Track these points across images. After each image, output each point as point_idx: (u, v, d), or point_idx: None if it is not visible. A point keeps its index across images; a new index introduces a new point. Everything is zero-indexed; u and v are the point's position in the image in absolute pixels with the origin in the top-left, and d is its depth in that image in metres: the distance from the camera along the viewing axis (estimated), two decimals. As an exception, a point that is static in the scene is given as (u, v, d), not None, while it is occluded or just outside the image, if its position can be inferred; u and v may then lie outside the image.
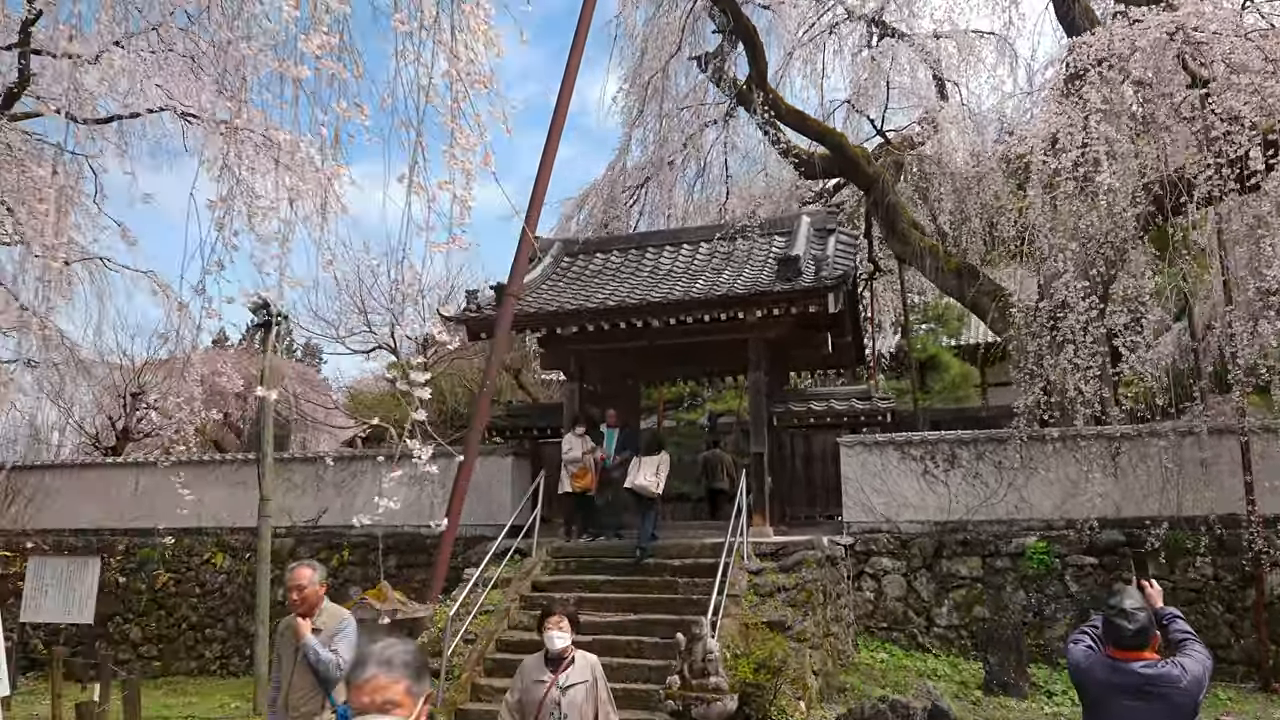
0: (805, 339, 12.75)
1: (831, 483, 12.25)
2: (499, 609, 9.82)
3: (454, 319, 12.22)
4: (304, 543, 13.55)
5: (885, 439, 11.73)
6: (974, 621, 10.83)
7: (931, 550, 11.22)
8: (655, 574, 10.19)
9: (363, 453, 13.88)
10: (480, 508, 12.90)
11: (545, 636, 5.04)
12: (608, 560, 10.56)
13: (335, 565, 13.21)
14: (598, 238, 14.70)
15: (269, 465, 10.59)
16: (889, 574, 11.27)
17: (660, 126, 14.84)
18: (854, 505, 11.64)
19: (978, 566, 11.05)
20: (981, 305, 15.29)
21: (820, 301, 10.78)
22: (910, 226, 16.70)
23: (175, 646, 13.70)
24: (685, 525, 13.10)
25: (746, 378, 12.00)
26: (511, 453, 12.96)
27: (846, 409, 12.24)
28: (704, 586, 9.65)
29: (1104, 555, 10.68)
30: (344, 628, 5.00)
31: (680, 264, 13.13)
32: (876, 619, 11.14)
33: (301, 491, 13.93)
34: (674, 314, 11.31)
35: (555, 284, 13.13)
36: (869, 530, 11.55)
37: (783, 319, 11.62)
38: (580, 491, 11.58)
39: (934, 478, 11.52)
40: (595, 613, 9.63)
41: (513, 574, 10.58)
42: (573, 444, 11.82)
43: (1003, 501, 11.27)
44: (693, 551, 10.44)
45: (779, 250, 12.51)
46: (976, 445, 11.48)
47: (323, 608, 5.08)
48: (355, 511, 13.18)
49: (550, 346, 13.17)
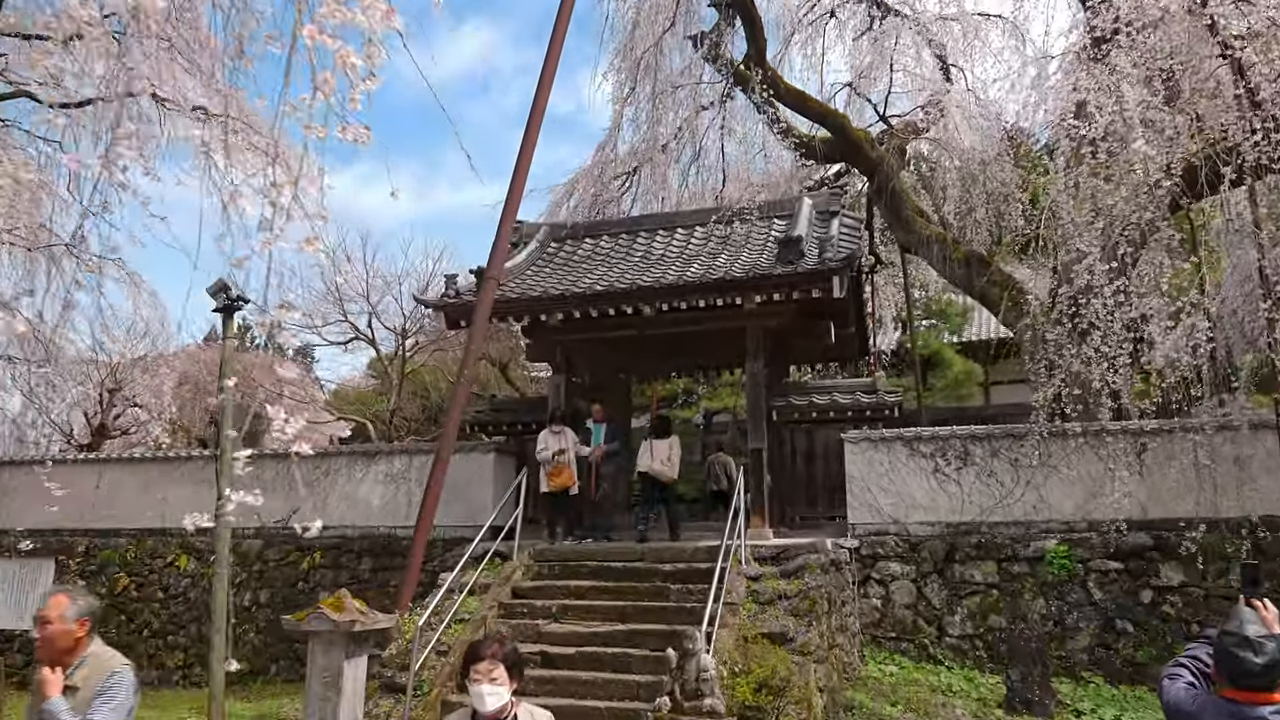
0: (807, 329, 11.96)
1: (835, 482, 11.47)
2: (475, 617, 9.00)
3: (431, 305, 11.42)
4: (272, 544, 12.72)
5: (893, 435, 10.94)
6: (990, 631, 10.04)
7: (943, 554, 10.43)
8: (646, 579, 9.39)
9: (337, 449, 13.06)
10: (460, 508, 12.10)
11: (472, 692, 3.25)
12: (594, 564, 9.75)
13: (305, 569, 12.40)
14: (587, 222, 13.90)
15: (229, 461, 9.75)
16: (897, 579, 10.48)
17: (653, 107, 14.06)
18: (859, 506, 10.85)
19: (993, 572, 10.27)
20: (991, 296, 14.58)
21: (824, 285, 9.99)
22: (915, 214, 15.95)
23: (135, 655, 12.73)
24: (679, 527, 12.28)
25: (744, 370, 11.19)
26: (494, 449, 12.15)
27: (851, 403, 11.46)
28: (699, 593, 8.85)
29: (1130, 559, 9.90)
30: (110, 686, 3.49)
31: (674, 249, 12.34)
32: (884, 628, 10.34)
33: (271, 490, 13.04)
34: (666, 299, 10.52)
35: (541, 270, 12.33)
36: (875, 532, 10.77)
37: (783, 305, 10.84)
38: (560, 491, 10.78)
39: (945, 476, 10.74)
40: (580, 622, 8.83)
41: (492, 579, 9.77)
42: (547, 442, 11.01)
43: (1020, 502, 10.48)
44: (686, 555, 9.65)
45: (780, 233, 11.73)
46: (991, 441, 10.69)
47: (84, 655, 3.57)
48: (329, 511, 12.42)
49: (536, 336, 12.37)
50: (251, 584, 12.55)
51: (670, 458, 10.84)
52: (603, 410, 11.23)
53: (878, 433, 11.01)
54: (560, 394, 11.72)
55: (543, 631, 8.70)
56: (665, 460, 10.79)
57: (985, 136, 16.98)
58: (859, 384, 11.97)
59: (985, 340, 25.72)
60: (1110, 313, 9.29)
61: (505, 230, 10.09)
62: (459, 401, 9.63)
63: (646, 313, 10.86)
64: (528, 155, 9.72)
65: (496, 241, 10.10)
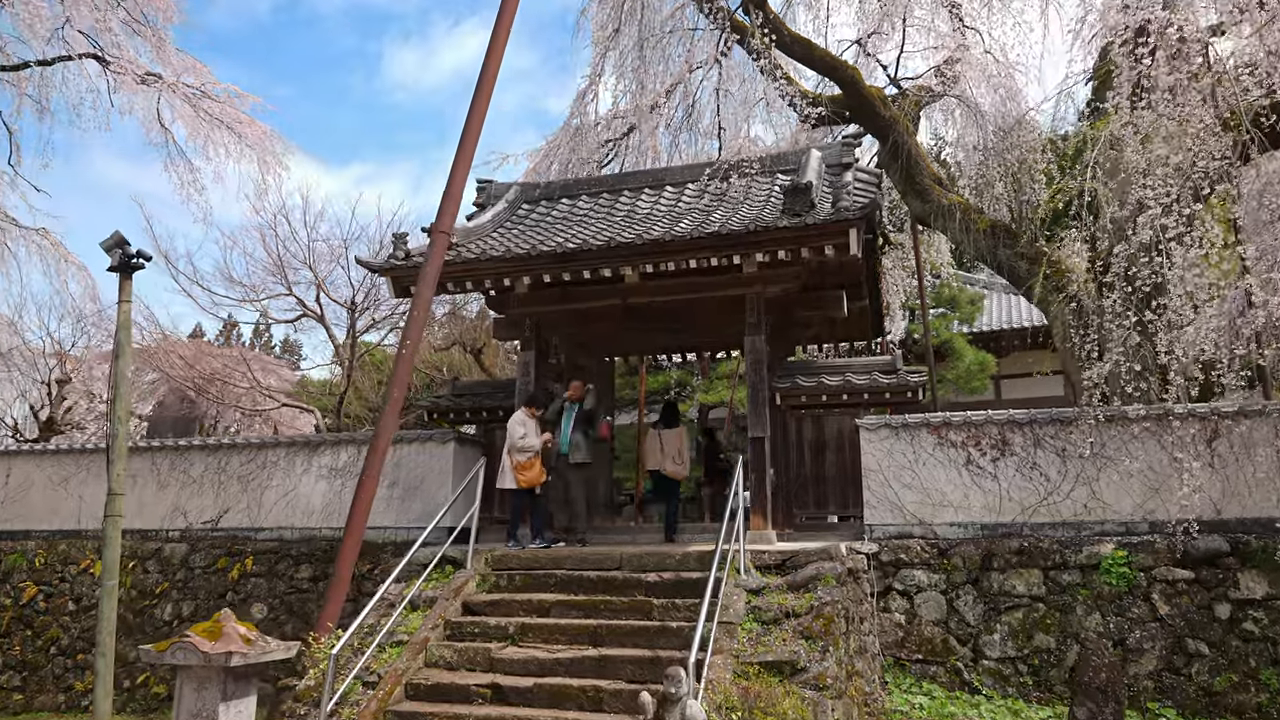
0: (815, 300, 10.34)
1: (849, 476, 9.88)
2: (415, 639, 7.35)
3: (375, 268, 9.77)
4: (199, 548, 11.05)
5: (917, 420, 9.33)
6: (1036, 653, 8.43)
7: (978, 561, 8.82)
8: (625, 592, 7.75)
9: (274, 439, 11.40)
10: (416, 506, 10.49)
11: None
12: (563, 573, 8.10)
13: (235, 578, 10.72)
14: (563, 180, 12.25)
15: (121, 449, 8.07)
16: (924, 591, 8.86)
17: (640, 56, 12.38)
18: (878, 504, 9.25)
19: (1038, 582, 8.65)
20: (1018, 271, 13.07)
21: (839, 239, 8.37)
22: (932, 182, 14.36)
23: (42, 675, 11.14)
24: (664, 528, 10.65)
25: (744, 345, 9.56)
26: (454, 439, 10.51)
27: (867, 384, 9.83)
28: (688, 610, 7.23)
29: (1202, 567, 8.29)
30: None
31: (663, 207, 10.71)
32: (909, 648, 8.72)
33: (200, 486, 11.43)
34: (652, 259, 8.89)
35: (509, 232, 10.68)
36: (897, 535, 9.15)
37: (789, 267, 9.22)
38: (527, 488, 9.17)
39: (980, 469, 9.13)
40: (542, 645, 7.19)
41: (441, 590, 8.13)
42: (526, 427, 9.38)
43: (1068, 499, 8.88)
44: (674, 562, 8.01)
45: (783, 185, 10.11)
46: (1034, 428, 9.08)
47: None
48: (265, 510, 10.74)
49: (504, 309, 10.72)
50: (174, 595, 10.88)
51: (681, 452, 10.24)
52: (579, 388, 9.57)
53: (899, 418, 9.39)
54: (530, 373, 10.07)
55: (496, 658, 7.06)
56: (676, 455, 10.13)
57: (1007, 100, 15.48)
58: (876, 363, 10.34)
59: (998, 331, 24.34)
60: (1183, 271, 7.68)
61: (460, 175, 8.46)
62: (401, 379, 7.99)
63: (628, 276, 9.23)
64: (488, 81, 8.09)
65: (448, 189, 8.48)
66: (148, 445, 11.77)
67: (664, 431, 10.33)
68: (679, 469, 9.96)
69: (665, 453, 9.99)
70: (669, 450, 9.98)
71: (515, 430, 9.23)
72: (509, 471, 9.21)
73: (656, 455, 10.14)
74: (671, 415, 10.73)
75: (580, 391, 9.50)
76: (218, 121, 19.31)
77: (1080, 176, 10.78)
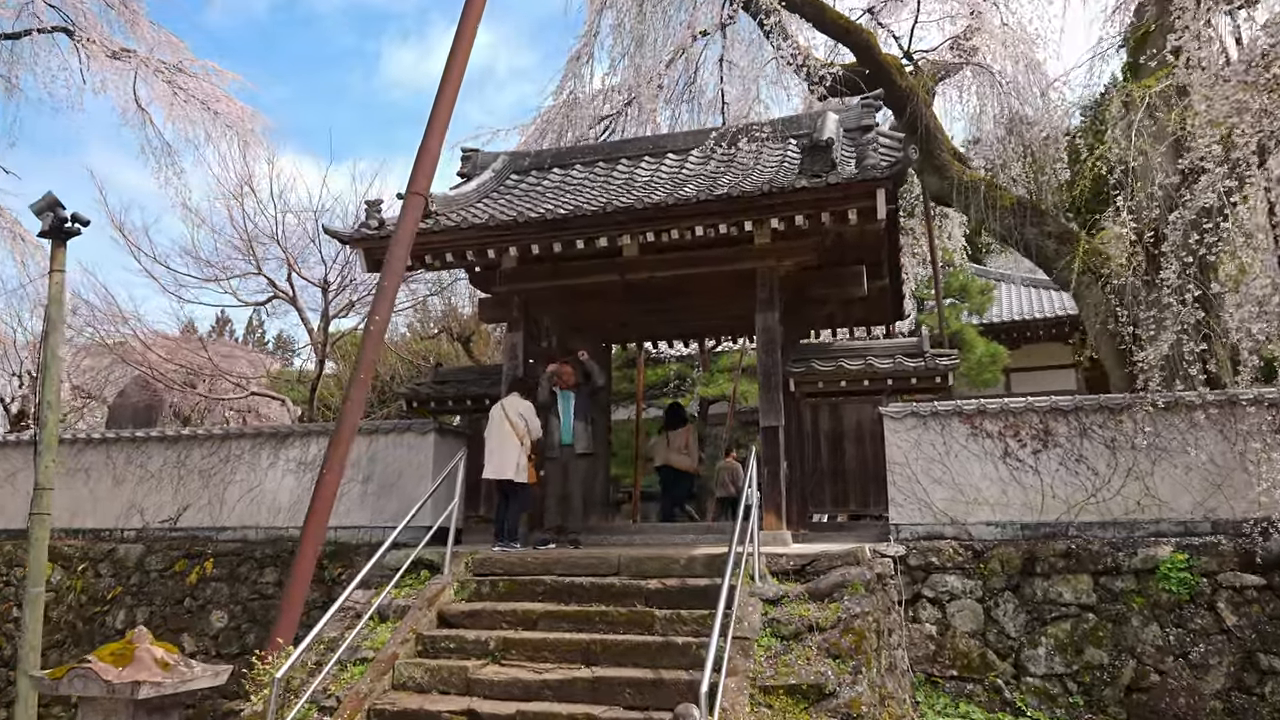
0: (832, 277, 9.38)
1: (871, 470, 8.96)
2: (381, 656, 6.38)
3: (344, 238, 8.80)
4: (156, 550, 10.06)
5: (948, 409, 8.37)
6: (1088, 669, 7.48)
7: (1018, 565, 7.86)
8: (623, 601, 6.79)
9: (239, 430, 10.42)
10: (394, 504, 9.51)
11: None
12: (553, 579, 7.13)
13: (194, 582, 9.74)
14: (555, 149, 11.26)
15: (50, 438, 7.09)
16: (958, 598, 7.90)
17: (640, 13, 11.41)
18: (905, 501, 8.29)
19: (1087, 588, 7.70)
20: (1046, 251, 12.19)
21: (864, 203, 7.41)
22: (952, 157, 13.44)
23: (-18, 690, 10.17)
24: (668, 530, 9.71)
25: (754, 325, 8.59)
26: (435, 429, 9.53)
27: (891, 368, 8.88)
28: (695, 622, 6.28)
29: (1275, 573, 7.35)
30: None
31: (664, 174, 9.74)
32: (942, 663, 7.76)
33: (158, 482, 10.45)
34: (653, 226, 7.93)
35: (495, 202, 9.70)
36: (927, 536, 8.20)
37: (806, 238, 8.28)
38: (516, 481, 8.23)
39: (1019, 463, 8.18)
40: (527, 663, 6.23)
41: (414, 599, 7.17)
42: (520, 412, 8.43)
43: (1119, 496, 7.93)
44: (679, 566, 7.04)
45: (796, 152, 9.16)
46: (1080, 416, 8.13)
47: None
48: (227, 508, 9.76)
49: (489, 286, 9.77)
50: (127, 600, 9.90)
51: (689, 445, 10.49)
52: (573, 371, 8.59)
53: (927, 406, 8.44)
54: (518, 356, 9.10)
55: (474, 678, 6.09)
56: (684, 448, 10.35)
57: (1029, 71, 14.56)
58: (899, 345, 9.39)
59: (1009, 322, 23.52)
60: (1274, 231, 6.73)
61: (437, 130, 7.49)
62: (368, 361, 7.02)
63: (627, 248, 8.28)
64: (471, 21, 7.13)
65: (424, 145, 7.51)
66: (102, 437, 10.79)
67: (670, 432, 10.78)
68: (684, 458, 9.93)
69: (672, 445, 10.10)
70: (675, 444, 10.11)
71: (531, 418, 8.33)
72: (517, 463, 8.26)
73: (663, 449, 10.39)
74: (677, 416, 11.18)
75: (573, 377, 8.49)
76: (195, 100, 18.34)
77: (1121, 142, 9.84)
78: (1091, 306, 11.76)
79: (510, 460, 8.36)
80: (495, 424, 8.44)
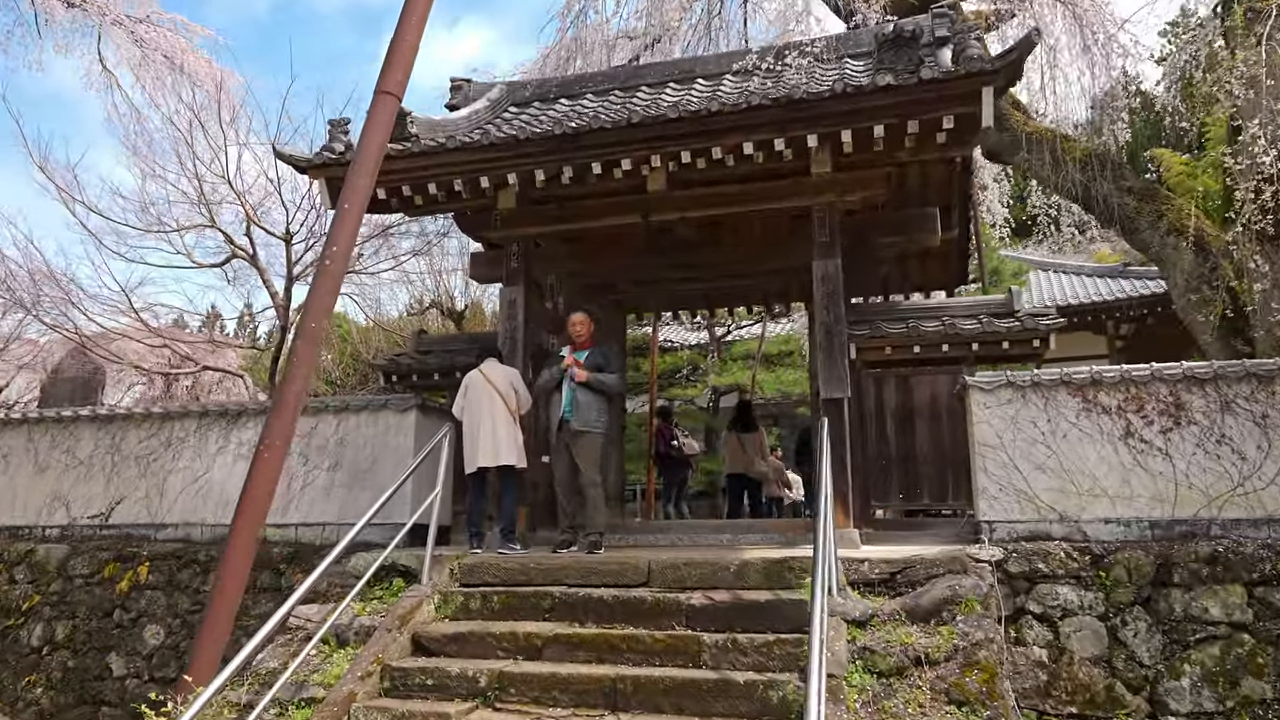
0: (899, 222, 7.79)
1: (947, 455, 7.33)
2: (334, 697, 4.72)
3: (302, 164, 7.12)
4: (82, 551, 8.38)
5: (1053, 378, 6.72)
6: (1245, 705, 5.83)
7: (1149, 572, 6.21)
8: (657, 622, 5.12)
9: (182, 408, 8.74)
10: (364, 495, 7.86)
11: None
12: (563, 591, 5.47)
13: (126, 590, 8.07)
14: (561, 78, 9.57)
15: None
16: (1073, 615, 6.24)
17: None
18: (1000, 493, 6.64)
19: (1240, 602, 6.05)
20: (1125, 208, 10.65)
21: (964, 106, 5.78)
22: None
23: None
24: (699, 528, 8.08)
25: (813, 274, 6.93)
26: (415, 406, 7.88)
27: (977, 330, 7.23)
28: (758, 652, 4.62)
29: None
30: None
31: (694, 101, 8.07)
32: (1057, 697, 6.10)
33: (88, 470, 8.78)
34: (688, 143, 6.28)
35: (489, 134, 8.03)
36: (1029, 536, 6.55)
37: (874, 169, 6.68)
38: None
39: (1144, 444, 6.53)
40: (531, 710, 4.57)
41: (383, 617, 5.52)
42: (510, 380, 6.81)
43: (1273, 485, 6.30)
44: (728, 575, 5.39)
45: (857, 70, 7.51)
46: (1221, 386, 6.50)
47: None
48: (168, 501, 8.04)
49: (483, 233, 8.12)
50: (46, 612, 8.22)
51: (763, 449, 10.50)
52: (588, 322, 6.80)
53: (1025, 375, 6.78)
54: (518, 316, 7.44)
55: (457, 730, 4.43)
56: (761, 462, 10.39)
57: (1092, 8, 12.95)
58: (984, 303, 7.73)
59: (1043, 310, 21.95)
60: None
61: (414, 16, 5.83)
62: (318, 305, 5.35)
63: (651, 176, 6.67)
64: None
65: (398, 35, 5.86)
66: (23, 417, 9.11)
67: (743, 435, 10.38)
68: (766, 467, 10.26)
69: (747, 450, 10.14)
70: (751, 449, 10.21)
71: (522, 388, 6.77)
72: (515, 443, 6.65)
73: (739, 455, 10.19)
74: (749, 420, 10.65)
75: (587, 330, 6.75)
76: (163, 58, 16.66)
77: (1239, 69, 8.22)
78: (1180, 271, 10.26)
79: (505, 441, 6.72)
80: (476, 396, 6.79)
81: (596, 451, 6.56)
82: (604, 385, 6.53)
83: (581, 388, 6.44)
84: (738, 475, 10.59)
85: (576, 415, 6.43)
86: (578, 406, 6.45)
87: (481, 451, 6.74)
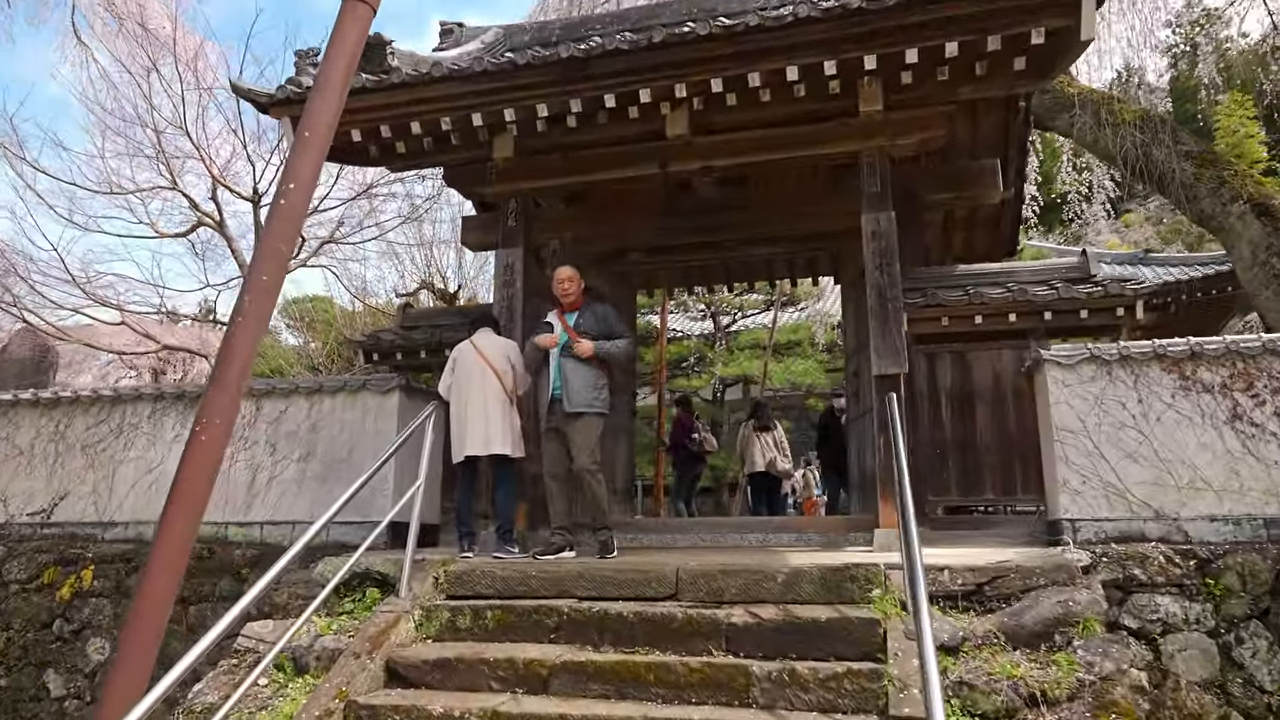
0: (954, 176, 6.80)
1: (1014, 443, 6.35)
2: (284, 742, 3.71)
3: (262, 101, 6.09)
4: (19, 553, 7.35)
5: (1145, 350, 5.71)
6: (1394, 743, 4.85)
7: (1268, 580, 5.22)
8: (690, 646, 4.11)
9: (134, 390, 7.72)
10: (339, 488, 6.68)
11: None
12: (573, 607, 4.45)
13: (67, 598, 7.05)
14: (564, 20, 8.57)
15: None
16: (1177, 630, 5.25)
17: None
18: (1082, 486, 5.64)
19: (1380, 617, 5.08)
20: (1182, 175, 9.80)
21: (1060, 17, 4.76)
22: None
23: None
24: (723, 526, 7.08)
25: (863, 230, 5.90)
26: (399, 387, 6.84)
27: (1051, 298, 6.23)
28: (823, 686, 3.62)
29: None
30: None
31: (718, 37, 7.05)
32: (1160, 730, 5.12)
33: (28, 460, 7.76)
34: (720, 68, 5.27)
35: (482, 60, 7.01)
36: (1119, 537, 5.55)
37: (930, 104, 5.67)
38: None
39: (1255, 428, 5.54)
40: (533, 761, 3.54)
41: (350, 637, 4.51)
42: (507, 354, 5.81)
43: None
44: (774, 586, 4.37)
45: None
46: (1347, 360, 5.52)
47: None
48: (117, 496, 6.87)
49: (476, 188, 7.10)
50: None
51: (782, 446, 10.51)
52: (577, 279, 5.71)
53: (1113, 347, 5.78)
54: (515, 282, 6.43)
55: (438, 789, 3.43)
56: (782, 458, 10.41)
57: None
58: (1054, 267, 6.70)
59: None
60: None
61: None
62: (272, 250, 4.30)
63: (672, 116, 5.65)
64: None
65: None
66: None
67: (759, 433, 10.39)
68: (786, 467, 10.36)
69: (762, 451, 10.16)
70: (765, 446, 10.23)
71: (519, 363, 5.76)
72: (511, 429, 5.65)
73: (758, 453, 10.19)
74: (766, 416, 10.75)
75: (577, 288, 5.66)
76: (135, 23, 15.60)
77: None
78: (1247, 242, 9.39)
79: (499, 425, 5.71)
80: (466, 372, 5.77)
81: (594, 435, 5.50)
82: (611, 355, 5.50)
83: (572, 360, 5.39)
84: (761, 474, 10.41)
85: (569, 393, 5.37)
86: (569, 382, 5.38)
87: (471, 437, 5.72)
